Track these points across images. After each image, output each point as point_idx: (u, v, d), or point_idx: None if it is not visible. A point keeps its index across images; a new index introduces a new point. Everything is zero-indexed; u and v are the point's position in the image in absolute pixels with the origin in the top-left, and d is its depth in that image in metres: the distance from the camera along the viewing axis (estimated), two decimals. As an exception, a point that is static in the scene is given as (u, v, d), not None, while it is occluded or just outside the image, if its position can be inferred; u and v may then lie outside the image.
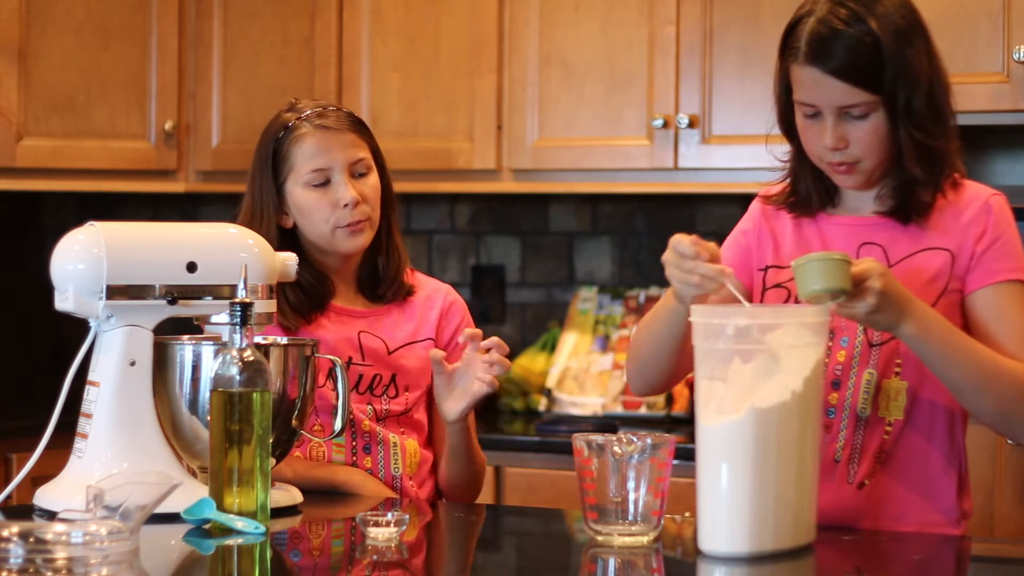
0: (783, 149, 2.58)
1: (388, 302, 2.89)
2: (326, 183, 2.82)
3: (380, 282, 2.88)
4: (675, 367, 2.51)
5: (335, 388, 2.71)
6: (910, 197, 2.47)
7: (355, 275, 2.89)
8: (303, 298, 2.81)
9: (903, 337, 2.33)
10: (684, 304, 2.36)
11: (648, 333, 2.52)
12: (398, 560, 2.24)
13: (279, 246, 2.68)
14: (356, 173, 2.84)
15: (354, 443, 2.81)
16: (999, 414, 2.39)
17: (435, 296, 2.92)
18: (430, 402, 2.89)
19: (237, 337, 2.35)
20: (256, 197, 2.85)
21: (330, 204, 2.81)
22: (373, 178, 2.86)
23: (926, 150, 2.44)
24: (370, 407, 2.82)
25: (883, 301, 2.27)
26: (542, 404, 4.42)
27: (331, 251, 2.85)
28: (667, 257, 2.35)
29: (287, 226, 2.85)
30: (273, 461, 2.51)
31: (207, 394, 2.49)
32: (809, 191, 2.55)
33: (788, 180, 2.58)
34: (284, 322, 2.78)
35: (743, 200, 2.73)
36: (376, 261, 2.88)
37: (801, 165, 2.55)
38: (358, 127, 2.87)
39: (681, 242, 2.32)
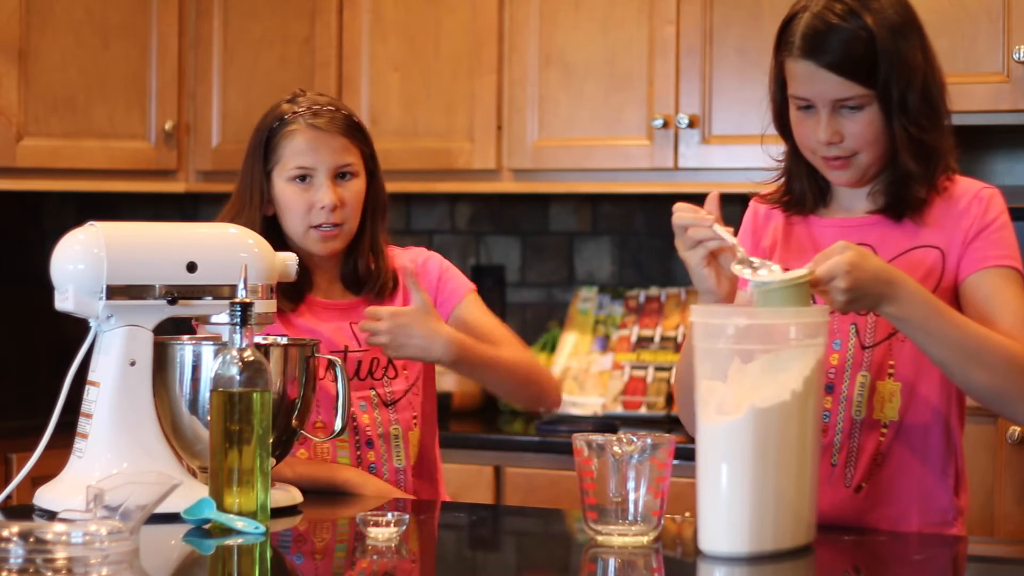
0: (779, 149, 2.58)
1: (371, 294, 2.91)
2: (308, 181, 2.83)
3: (362, 285, 2.89)
4: None
5: (335, 379, 2.73)
6: (904, 192, 2.47)
7: (338, 271, 2.91)
8: (284, 284, 2.79)
9: (885, 316, 2.33)
10: (706, 296, 2.35)
11: (686, 362, 2.50)
12: (398, 560, 2.24)
13: (263, 233, 2.71)
14: (339, 175, 2.85)
15: (357, 437, 2.83)
16: (991, 390, 2.36)
17: (410, 267, 2.91)
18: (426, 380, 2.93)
19: (237, 337, 2.35)
20: (246, 182, 2.89)
21: (307, 203, 2.83)
22: (357, 184, 2.87)
23: (920, 144, 2.44)
24: (373, 392, 2.84)
25: (852, 295, 2.26)
26: (542, 404, 4.42)
27: (304, 249, 2.86)
28: (676, 243, 2.34)
29: (269, 214, 2.87)
30: (273, 461, 2.51)
31: (207, 394, 2.49)
32: (804, 190, 2.55)
33: (783, 179, 2.58)
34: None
35: (743, 200, 2.74)
36: (357, 263, 2.90)
37: (796, 164, 2.55)
38: (351, 131, 2.87)
39: (678, 209, 2.33)
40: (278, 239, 2.83)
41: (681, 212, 2.33)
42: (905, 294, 2.30)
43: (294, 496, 2.58)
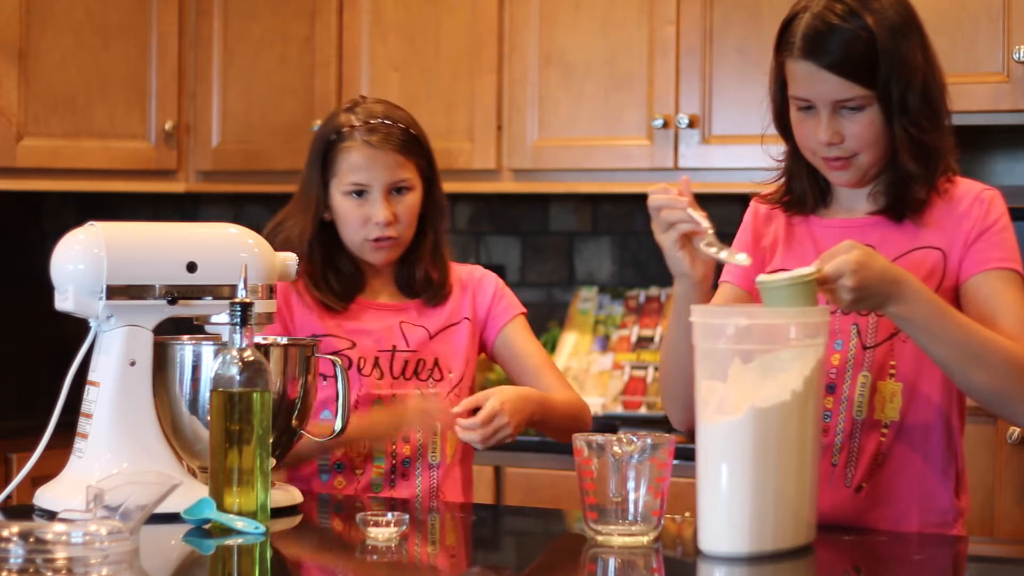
0: (779, 149, 2.58)
1: (426, 301, 2.95)
2: (363, 196, 2.88)
3: (416, 292, 2.93)
4: None
5: (380, 378, 2.84)
6: (904, 194, 2.47)
7: (392, 277, 2.96)
8: (338, 286, 2.89)
9: (890, 316, 2.32)
10: (681, 280, 2.36)
11: (665, 344, 2.51)
12: (398, 560, 2.24)
13: (318, 237, 2.86)
14: (395, 190, 2.89)
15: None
16: (992, 391, 2.36)
17: (467, 280, 2.99)
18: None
19: (237, 337, 2.35)
20: (304, 188, 2.95)
21: (363, 217, 2.88)
22: (411, 197, 2.91)
23: (921, 145, 2.44)
24: (419, 392, 2.88)
25: (859, 294, 2.26)
26: (542, 404, 4.41)
27: (361, 258, 2.92)
28: (652, 225, 2.35)
29: (329, 220, 2.93)
30: (273, 461, 2.51)
31: (207, 394, 2.49)
32: (804, 190, 2.55)
33: (783, 179, 2.58)
34: (327, 300, 2.87)
35: (743, 200, 2.74)
36: (414, 269, 2.94)
37: (796, 163, 2.55)
38: (406, 146, 2.90)
39: (654, 196, 2.33)
40: (335, 243, 2.91)
41: (656, 194, 2.34)
42: (911, 294, 2.29)
43: (294, 496, 2.59)
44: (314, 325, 2.86)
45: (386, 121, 2.90)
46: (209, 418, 2.40)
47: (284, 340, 2.64)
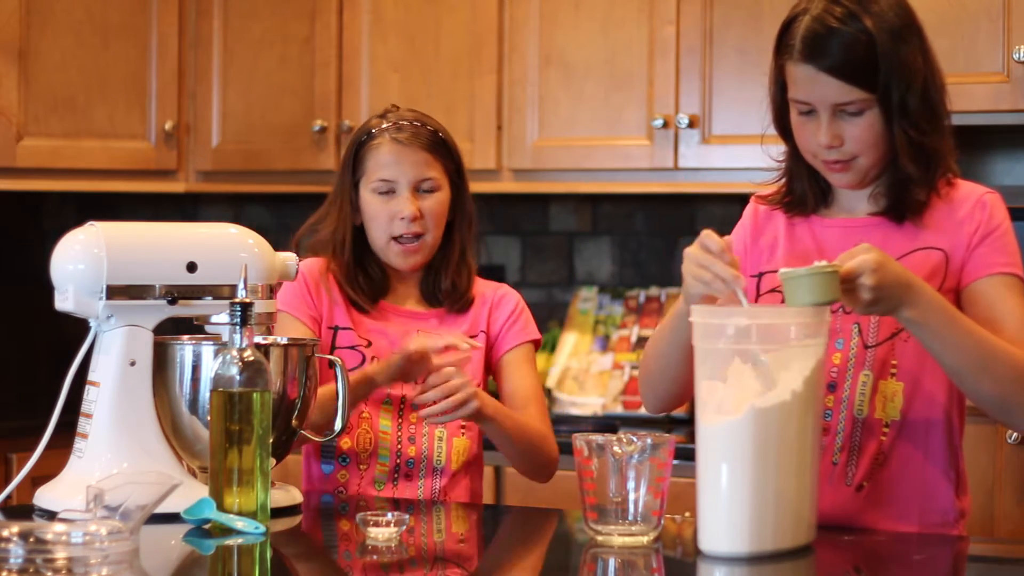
0: (779, 149, 2.58)
1: (448, 309, 2.97)
2: (390, 193, 2.91)
3: (440, 302, 2.94)
4: (685, 379, 2.45)
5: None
6: (904, 196, 2.47)
7: (418, 283, 2.98)
8: (366, 286, 2.93)
9: (902, 320, 2.32)
10: (688, 304, 2.34)
11: (656, 345, 2.51)
12: (398, 560, 2.24)
13: (352, 241, 2.90)
14: (421, 189, 2.91)
15: (399, 432, 2.86)
16: (998, 399, 2.36)
17: (488, 294, 3.00)
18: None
19: (237, 337, 2.35)
20: (336, 190, 3.00)
21: (389, 214, 2.91)
22: (439, 196, 2.93)
23: (920, 148, 2.44)
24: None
25: (878, 294, 2.26)
26: (542, 404, 4.41)
27: (387, 262, 2.94)
28: (689, 250, 2.32)
29: (357, 224, 2.96)
30: (273, 461, 2.51)
31: (207, 394, 2.49)
32: (804, 190, 2.55)
33: (783, 180, 2.58)
34: (356, 298, 2.92)
35: (743, 200, 2.74)
36: (440, 275, 2.95)
37: (796, 164, 2.55)
38: (434, 147, 2.94)
39: (710, 236, 2.30)
40: (365, 246, 2.94)
41: (716, 263, 2.27)
42: (924, 300, 2.30)
43: (294, 496, 2.59)
44: (340, 317, 2.89)
45: (415, 123, 2.94)
46: (209, 418, 2.40)
47: (284, 340, 2.64)
